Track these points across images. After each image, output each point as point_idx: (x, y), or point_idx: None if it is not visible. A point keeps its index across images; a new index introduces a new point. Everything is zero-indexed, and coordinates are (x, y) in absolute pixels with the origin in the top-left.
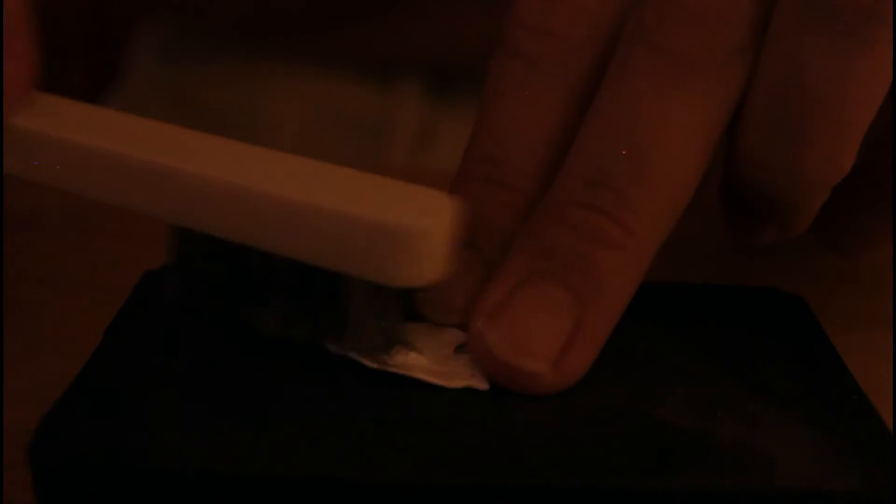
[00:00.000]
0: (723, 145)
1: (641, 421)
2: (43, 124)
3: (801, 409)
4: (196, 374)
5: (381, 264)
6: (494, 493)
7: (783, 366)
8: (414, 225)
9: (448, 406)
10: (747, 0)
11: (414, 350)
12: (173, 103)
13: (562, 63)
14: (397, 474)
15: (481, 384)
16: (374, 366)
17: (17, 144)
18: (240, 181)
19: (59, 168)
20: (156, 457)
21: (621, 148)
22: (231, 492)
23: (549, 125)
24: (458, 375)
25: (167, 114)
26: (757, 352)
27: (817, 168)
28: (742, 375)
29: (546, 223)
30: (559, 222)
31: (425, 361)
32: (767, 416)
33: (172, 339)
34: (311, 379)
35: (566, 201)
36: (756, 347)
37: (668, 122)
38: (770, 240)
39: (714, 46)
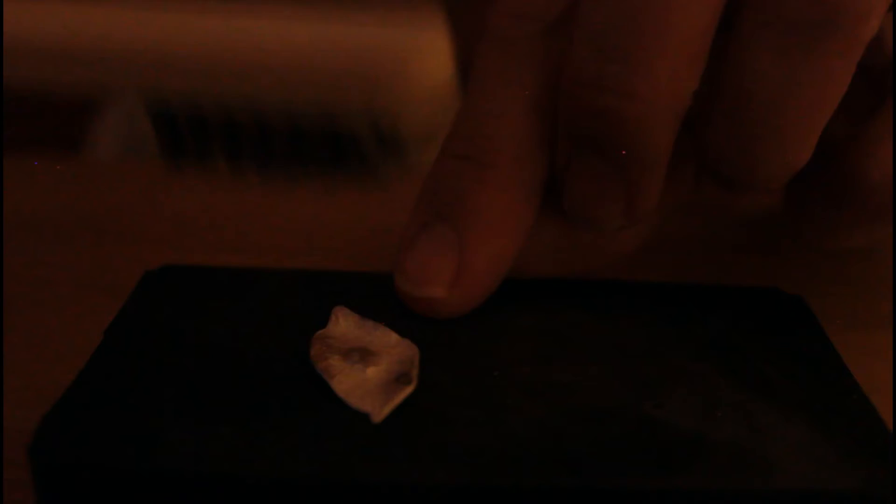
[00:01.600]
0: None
1: (641, 421)
2: None
3: (801, 409)
4: (196, 374)
5: None
6: (494, 493)
7: (783, 366)
8: None
9: (448, 406)
10: None
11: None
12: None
13: (536, 43)
14: (397, 474)
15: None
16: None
17: None
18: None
19: None
20: (156, 457)
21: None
22: (231, 492)
23: (525, 103)
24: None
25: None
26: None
27: (774, 166)
28: (742, 375)
29: (433, 167)
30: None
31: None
32: (767, 416)
33: (172, 339)
34: (312, 379)
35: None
36: (756, 347)
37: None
38: (745, 210)
39: None
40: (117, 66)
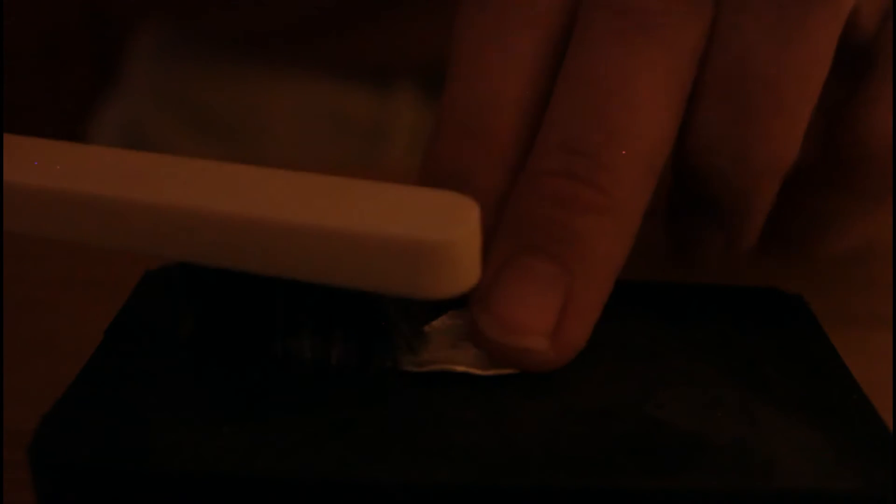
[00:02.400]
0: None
1: (641, 421)
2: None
3: (801, 409)
4: (196, 374)
5: (415, 280)
6: (494, 493)
7: (783, 366)
8: (445, 237)
9: (448, 406)
10: None
11: (452, 345)
12: (171, 106)
13: (531, 11)
14: (397, 474)
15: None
16: (415, 369)
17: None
18: (252, 211)
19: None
20: (156, 457)
21: (589, 112)
22: (231, 492)
23: (526, 75)
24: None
25: (165, 116)
26: (757, 352)
27: (766, 151)
28: (742, 375)
29: (524, 195)
30: (537, 194)
31: (469, 354)
32: (767, 416)
33: (172, 340)
34: (312, 379)
35: (541, 170)
36: (756, 347)
37: (635, 81)
38: (715, 253)
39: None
40: None
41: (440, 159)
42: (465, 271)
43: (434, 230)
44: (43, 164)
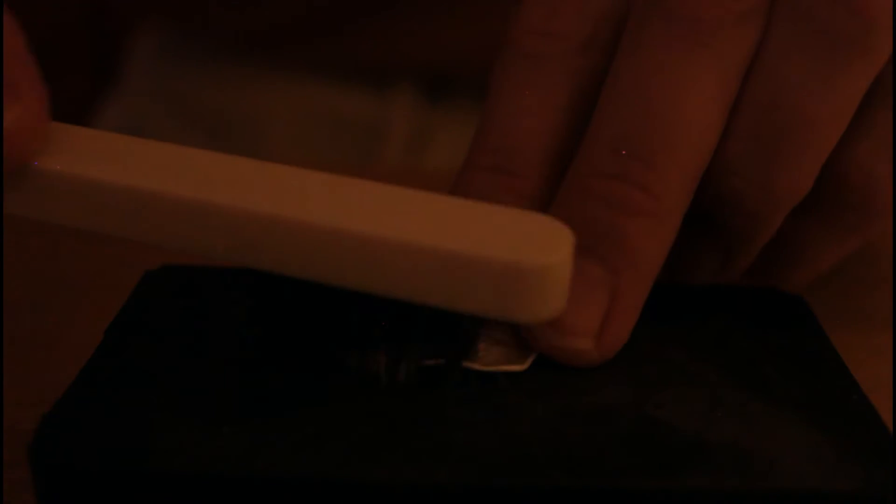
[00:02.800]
0: None
1: (641, 421)
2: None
3: (801, 409)
4: (196, 374)
5: (507, 303)
6: (494, 493)
7: (783, 366)
8: (542, 262)
9: (448, 406)
10: None
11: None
12: (171, 106)
13: (565, 63)
14: (397, 474)
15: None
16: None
17: (33, 185)
18: (344, 224)
19: (97, 209)
20: (156, 457)
21: (642, 115)
22: (231, 492)
23: (555, 122)
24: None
25: (164, 117)
26: (757, 352)
27: (789, 182)
28: (742, 375)
29: (573, 196)
30: (586, 194)
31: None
32: (767, 416)
33: (172, 339)
34: (312, 379)
35: (591, 172)
36: (756, 347)
37: (686, 87)
38: (707, 276)
39: (726, 9)
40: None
41: (468, 187)
42: (556, 297)
43: (531, 254)
44: (89, 153)
